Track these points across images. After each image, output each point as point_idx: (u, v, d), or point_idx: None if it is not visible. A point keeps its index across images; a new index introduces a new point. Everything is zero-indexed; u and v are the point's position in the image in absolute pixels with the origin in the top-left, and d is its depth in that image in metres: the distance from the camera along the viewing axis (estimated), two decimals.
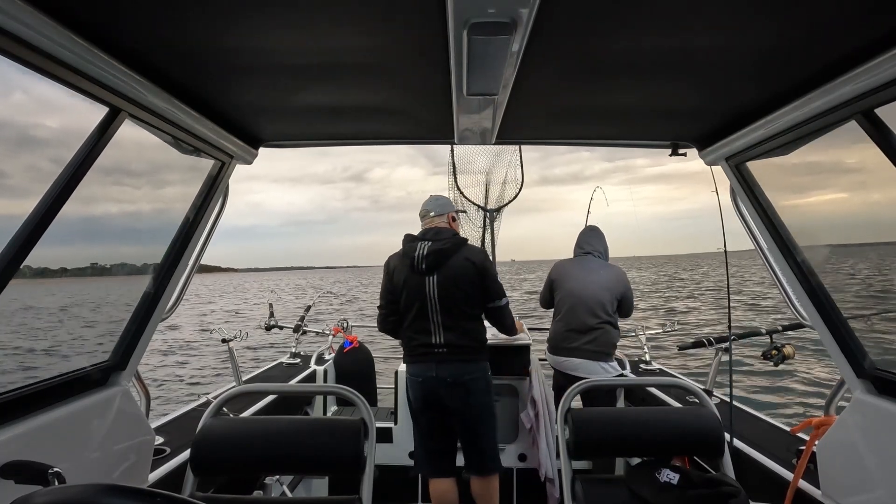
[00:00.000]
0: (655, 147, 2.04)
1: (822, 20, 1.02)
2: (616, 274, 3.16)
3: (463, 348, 2.36)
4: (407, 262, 2.38)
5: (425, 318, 2.36)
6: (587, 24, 1.04)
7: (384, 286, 2.49)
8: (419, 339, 2.38)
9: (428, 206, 2.53)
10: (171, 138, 1.54)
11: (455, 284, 2.33)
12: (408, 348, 2.45)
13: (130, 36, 1.10)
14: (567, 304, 3.11)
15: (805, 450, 1.78)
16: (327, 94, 1.50)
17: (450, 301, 2.33)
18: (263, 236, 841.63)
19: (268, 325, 3.85)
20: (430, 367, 2.36)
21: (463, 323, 2.37)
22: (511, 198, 4.50)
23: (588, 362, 3.01)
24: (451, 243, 2.37)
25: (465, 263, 2.35)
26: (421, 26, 1.05)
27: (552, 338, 3.20)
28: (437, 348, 2.35)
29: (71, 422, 1.38)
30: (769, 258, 1.90)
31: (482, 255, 2.45)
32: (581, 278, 3.12)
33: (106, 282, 1.88)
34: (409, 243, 2.42)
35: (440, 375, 2.34)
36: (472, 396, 2.37)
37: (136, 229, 1.90)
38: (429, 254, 2.33)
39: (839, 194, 1.82)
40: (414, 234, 2.48)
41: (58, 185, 1.16)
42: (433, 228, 2.45)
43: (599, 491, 1.72)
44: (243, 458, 1.58)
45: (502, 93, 1.36)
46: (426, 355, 2.37)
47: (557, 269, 3.27)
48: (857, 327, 1.59)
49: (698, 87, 1.40)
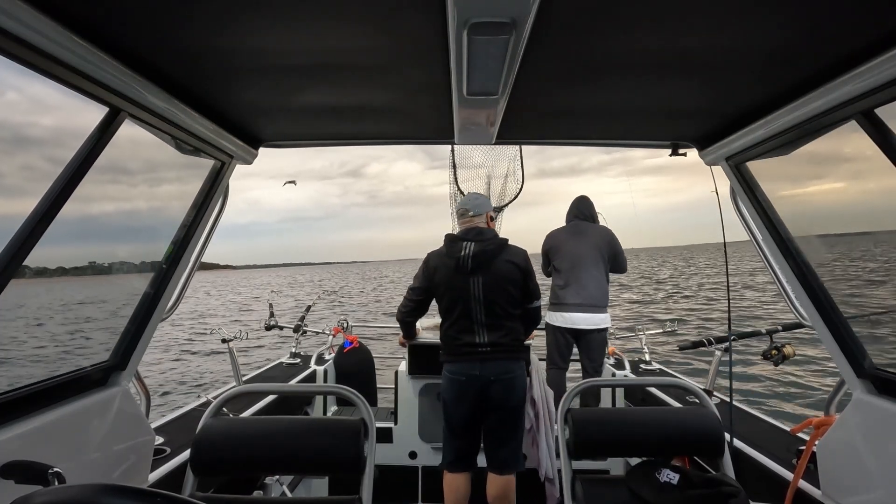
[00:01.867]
0: (655, 147, 2.04)
1: (822, 20, 1.01)
2: (604, 234, 3.58)
3: (506, 347, 2.40)
4: (451, 263, 2.38)
5: (469, 318, 2.38)
6: (587, 24, 1.04)
7: (421, 281, 2.50)
8: (463, 338, 2.39)
9: (467, 204, 2.50)
10: (171, 138, 1.54)
11: (499, 285, 2.36)
12: (450, 347, 2.44)
13: (130, 36, 1.10)
14: (566, 265, 3.50)
15: (805, 450, 1.79)
16: (327, 94, 1.50)
17: (494, 301, 2.36)
18: (261, 233, 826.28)
19: (268, 325, 3.85)
20: (474, 366, 2.37)
21: (506, 322, 2.40)
22: (512, 197, 4.51)
23: (588, 315, 3.43)
24: (495, 244, 2.38)
25: (508, 265, 2.38)
26: (421, 26, 1.05)
27: (554, 296, 3.56)
28: (482, 347, 2.38)
29: (71, 422, 1.38)
30: (769, 258, 1.90)
31: (524, 256, 2.46)
32: (574, 242, 3.54)
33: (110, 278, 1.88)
34: (452, 243, 2.42)
35: (484, 374, 2.36)
36: (513, 393, 2.40)
37: (135, 230, 1.90)
38: (475, 254, 2.34)
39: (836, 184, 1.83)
40: (455, 234, 2.47)
41: (58, 185, 1.16)
42: (475, 228, 2.43)
43: (599, 491, 1.72)
44: (243, 458, 1.58)
45: (502, 93, 1.36)
46: (471, 354, 2.38)
47: (551, 239, 3.67)
48: (857, 327, 1.60)
49: (698, 87, 1.40)
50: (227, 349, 3.02)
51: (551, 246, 3.65)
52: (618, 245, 3.61)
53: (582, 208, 3.71)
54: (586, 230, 3.62)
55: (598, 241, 3.56)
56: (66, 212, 1.19)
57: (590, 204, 3.74)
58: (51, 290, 5.58)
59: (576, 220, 3.69)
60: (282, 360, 3.85)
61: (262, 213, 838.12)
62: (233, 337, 3.07)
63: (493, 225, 2.59)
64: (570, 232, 3.65)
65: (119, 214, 1.77)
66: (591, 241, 3.55)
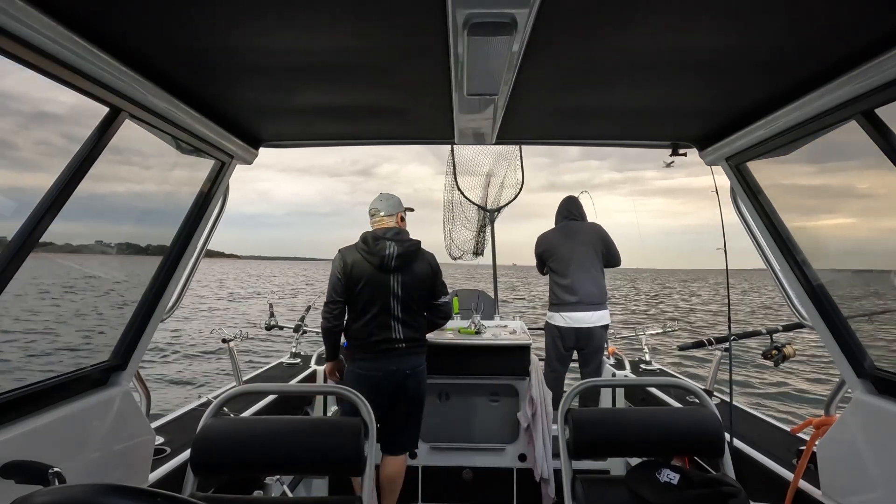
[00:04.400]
0: (655, 147, 2.04)
1: (822, 20, 1.01)
2: (594, 231, 3.65)
3: (417, 342, 2.59)
4: (375, 261, 2.48)
5: (388, 314, 2.50)
6: (587, 23, 1.04)
7: (338, 281, 2.52)
8: (380, 334, 2.50)
9: (378, 205, 2.65)
10: (172, 138, 1.54)
11: (415, 284, 2.54)
12: (364, 344, 2.51)
13: (131, 36, 1.10)
14: (562, 266, 3.57)
15: (805, 450, 1.78)
16: (327, 94, 1.50)
17: (410, 299, 2.53)
18: (268, 225, 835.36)
19: (268, 325, 3.85)
20: (392, 362, 2.51)
21: (418, 319, 2.60)
22: (511, 198, 4.50)
23: (588, 313, 3.49)
24: (414, 246, 2.57)
25: (424, 265, 2.58)
26: (421, 26, 1.05)
27: (554, 297, 3.62)
28: (398, 343, 2.52)
29: (71, 422, 1.38)
30: (769, 258, 1.90)
31: (434, 258, 2.67)
32: (568, 242, 3.60)
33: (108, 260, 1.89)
34: (375, 241, 2.52)
35: (401, 368, 2.51)
36: (423, 384, 2.61)
37: (134, 228, 1.90)
38: (399, 254, 2.50)
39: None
40: (375, 233, 2.56)
41: (57, 186, 1.16)
42: (392, 228, 2.58)
43: (599, 491, 1.72)
44: (243, 458, 1.58)
45: (502, 93, 1.36)
46: (388, 351, 2.51)
47: (544, 241, 3.72)
48: (857, 327, 1.59)
49: (698, 87, 1.40)
50: (227, 349, 3.02)
51: (545, 249, 3.70)
52: (609, 239, 3.66)
53: (571, 208, 3.78)
54: (578, 229, 3.67)
55: (590, 239, 3.62)
56: (65, 210, 1.19)
57: (578, 204, 3.80)
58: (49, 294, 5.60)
59: (566, 221, 3.75)
60: (282, 361, 3.84)
61: (271, 205, 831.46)
62: (233, 337, 3.07)
63: (404, 225, 2.70)
64: (562, 233, 3.69)
65: (118, 215, 1.77)
66: (583, 239, 3.61)
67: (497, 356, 2.93)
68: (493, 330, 3.19)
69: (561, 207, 3.81)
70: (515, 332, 3.14)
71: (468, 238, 4.67)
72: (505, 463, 3.00)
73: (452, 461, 3.02)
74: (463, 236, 4.66)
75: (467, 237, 4.67)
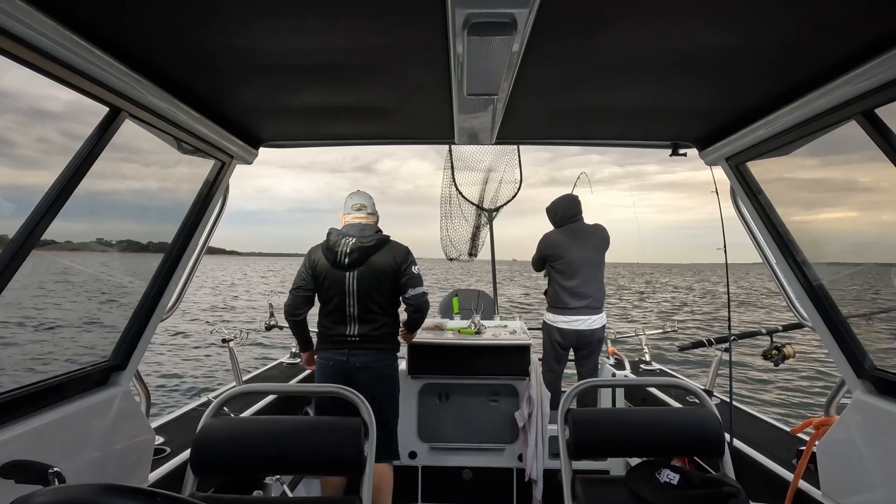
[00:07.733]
0: (655, 147, 2.04)
1: (822, 20, 1.01)
2: (600, 233, 3.65)
3: (376, 339, 2.55)
4: (330, 257, 2.52)
5: (342, 311, 2.53)
6: (587, 24, 1.04)
7: (304, 274, 2.59)
8: (336, 329, 2.54)
9: (365, 200, 2.65)
10: (172, 138, 1.54)
11: (373, 281, 2.51)
12: (325, 337, 2.59)
13: (131, 36, 1.10)
14: (570, 269, 3.53)
15: (805, 450, 1.78)
16: (327, 94, 1.50)
17: (367, 296, 2.51)
18: (269, 221, 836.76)
19: (268, 325, 3.84)
20: (342, 353, 2.53)
21: (380, 317, 2.55)
22: (509, 198, 4.50)
23: (589, 317, 3.50)
24: (374, 240, 2.53)
25: (387, 259, 2.53)
26: (421, 26, 1.05)
27: (558, 299, 3.56)
28: (351, 337, 2.54)
29: (71, 422, 1.38)
30: (769, 258, 1.90)
31: (405, 252, 2.58)
32: (577, 245, 3.57)
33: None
34: (333, 238, 2.55)
35: (351, 361, 2.52)
36: (381, 384, 2.55)
37: (133, 229, 1.90)
38: (352, 251, 2.50)
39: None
40: (339, 230, 2.59)
41: (57, 186, 1.16)
42: (358, 224, 2.59)
43: (599, 491, 1.72)
44: (243, 458, 1.58)
45: (502, 93, 1.36)
46: (341, 343, 2.54)
47: (550, 242, 3.65)
48: (857, 328, 1.59)
49: (698, 87, 1.40)
50: (228, 349, 3.02)
51: (552, 251, 3.64)
52: (609, 240, 3.70)
53: (574, 209, 3.74)
54: (585, 232, 3.65)
55: (597, 243, 3.61)
56: (65, 209, 1.19)
57: (578, 202, 3.80)
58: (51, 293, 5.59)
59: (571, 223, 3.69)
60: (282, 361, 3.84)
61: (272, 202, 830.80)
62: (233, 337, 3.06)
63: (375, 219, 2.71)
64: (570, 235, 3.64)
65: (118, 215, 1.77)
66: (591, 243, 3.60)
67: (497, 356, 2.93)
68: (493, 330, 3.19)
69: (562, 208, 3.73)
70: (515, 332, 3.14)
71: (465, 238, 4.65)
72: (505, 463, 3.00)
73: (452, 461, 3.02)
74: (460, 234, 4.64)
75: (464, 236, 4.65)
